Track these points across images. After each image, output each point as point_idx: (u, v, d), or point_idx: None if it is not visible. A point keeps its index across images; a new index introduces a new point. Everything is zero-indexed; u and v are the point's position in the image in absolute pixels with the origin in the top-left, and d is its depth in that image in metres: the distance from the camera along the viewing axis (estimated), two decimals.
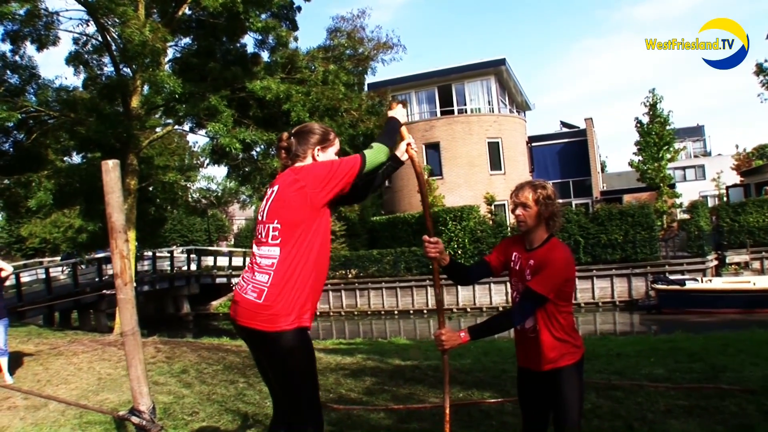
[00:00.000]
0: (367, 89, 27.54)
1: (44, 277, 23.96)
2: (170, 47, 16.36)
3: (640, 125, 30.27)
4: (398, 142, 3.11)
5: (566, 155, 35.46)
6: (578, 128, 37.09)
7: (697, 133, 54.59)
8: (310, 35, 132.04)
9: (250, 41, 31.52)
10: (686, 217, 26.84)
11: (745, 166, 39.67)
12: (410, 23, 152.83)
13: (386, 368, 7.65)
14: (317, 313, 25.70)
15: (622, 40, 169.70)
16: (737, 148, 41.91)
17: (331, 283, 26.45)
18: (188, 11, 16.45)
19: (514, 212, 2.92)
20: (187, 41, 17.80)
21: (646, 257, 22.63)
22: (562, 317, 2.81)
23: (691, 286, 19.61)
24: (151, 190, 20.58)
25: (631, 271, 22.61)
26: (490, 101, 32.31)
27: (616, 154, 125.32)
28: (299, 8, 17.44)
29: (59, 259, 36.88)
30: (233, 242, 52.32)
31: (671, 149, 30.28)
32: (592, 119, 35.35)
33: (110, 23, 15.06)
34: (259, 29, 15.64)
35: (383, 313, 25.71)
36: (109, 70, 17.68)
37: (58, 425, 5.36)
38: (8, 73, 16.13)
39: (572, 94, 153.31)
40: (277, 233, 2.65)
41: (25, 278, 24.17)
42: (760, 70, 26.66)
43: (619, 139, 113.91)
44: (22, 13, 14.35)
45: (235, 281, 30.92)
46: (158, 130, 18.22)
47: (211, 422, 5.20)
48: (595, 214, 24.25)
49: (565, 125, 40.92)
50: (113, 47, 15.85)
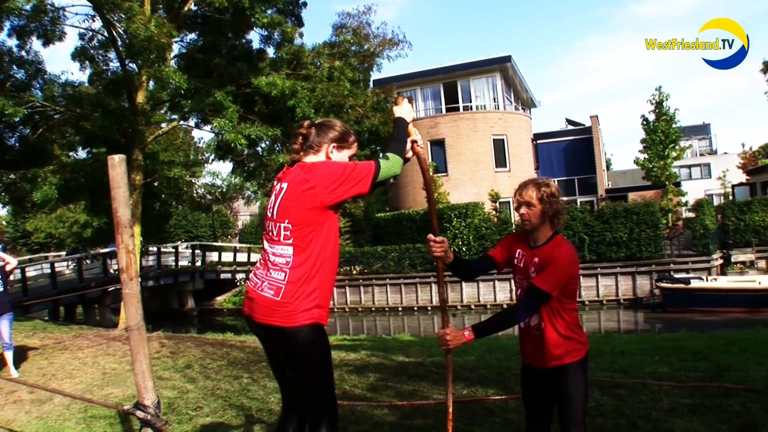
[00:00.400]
0: (372, 86, 27.60)
1: (49, 271, 24.10)
2: (176, 43, 16.41)
3: (646, 123, 30.13)
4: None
5: (571, 153, 35.41)
6: (584, 126, 37.02)
7: (703, 131, 54.42)
8: (315, 31, 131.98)
9: (255, 37, 31.38)
10: (691, 215, 26.74)
11: (751, 164, 39.51)
12: (415, 20, 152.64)
13: (390, 365, 7.65)
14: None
15: (626, 37, 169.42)
16: (743, 146, 41.80)
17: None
18: (194, 7, 16.46)
19: (518, 211, 2.91)
20: (192, 37, 17.86)
21: (650, 255, 22.59)
22: (566, 314, 2.81)
23: (695, 284, 19.57)
24: (156, 185, 20.60)
25: (635, 269, 22.58)
26: (495, 98, 32.23)
27: (621, 151, 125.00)
28: (305, 4, 17.48)
29: (64, 253, 37.00)
30: (238, 238, 52.37)
31: (677, 147, 30.15)
32: (597, 117, 35.29)
33: (116, 19, 15.09)
34: (264, 25, 15.65)
35: (387, 309, 25.73)
36: (114, 65, 17.74)
37: (63, 419, 5.39)
38: (14, 68, 16.21)
39: (577, 91, 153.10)
40: (289, 233, 2.65)
41: (30, 273, 24.31)
42: (767, 68, 26.52)
43: (624, 136, 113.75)
44: (28, 8, 14.41)
45: (239, 277, 30.99)
46: (163, 125, 18.25)
47: (215, 417, 5.22)
48: (600, 212, 24.20)
49: (570, 123, 40.82)
50: (119, 43, 15.89)
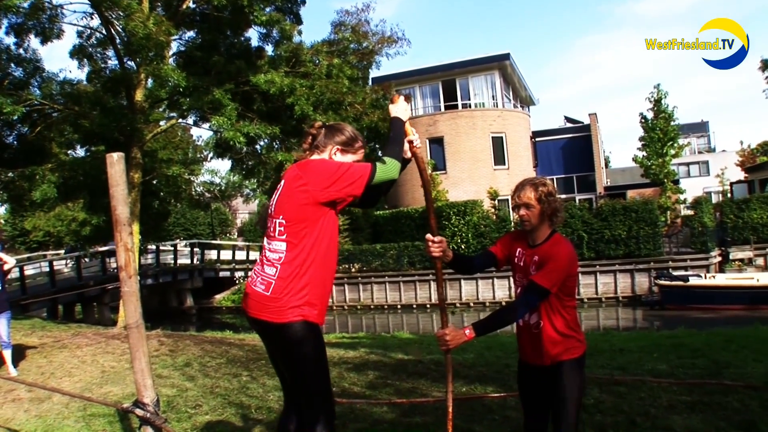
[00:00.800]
0: (371, 83, 27.53)
1: (48, 270, 24.06)
2: (174, 41, 16.37)
3: (644, 121, 30.14)
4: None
5: (570, 150, 35.41)
6: (582, 123, 37.00)
7: (701, 129, 54.40)
8: (314, 29, 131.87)
9: (254, 35, 31.41)
10: (690, 213, 26.74)
11: (749, 162, 39.50)
12: (413, 17, 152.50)
13: (389, 362, 7.66)
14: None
15: (625, 35, 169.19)
16: (742, 144, 41.79)
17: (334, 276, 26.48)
18: (192, 4, 16.45)
19: (517, 212, 2.91)
20: (191, 35, 17.82)
21: (649, 253, 22.60)
22: (565, 312, 2.82)
23: (694, 282, 19.60)
24: (154, 183, 20.60)
25: (634, 266, 22.60)
26: (494, 96, 32.21)
27: (620, 149, 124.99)
28: (303, 2, 17.44)
29: (63, 252, 36.97)
30: (236, 235, 52.38)
31: (675, 145, 30.13)
32: (596, 115, 35.26)
33: (114, 16, 15.05)
34: (263, 23, 15.62)
35: (386, 307, 25.74)
36: (113, 63, 17.70)
37: (62, 417, 5.38)
38: (12, 66, 16.16)
39: (576, 89, 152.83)
40: (282, 228, 2.68)
41: (29, 271, 24.28)
42: (765, 66, 26.54)
43: (623, 134, 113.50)
44: (26, 6, 14.36)
45: (238, 275, 31.02)
46: (162, 123, 18.22)
47: (214, 415, 5.22)
48: (598, 209, 24.20)
49: (569, 120, 40.78)
50: (117, 40, 15.85)
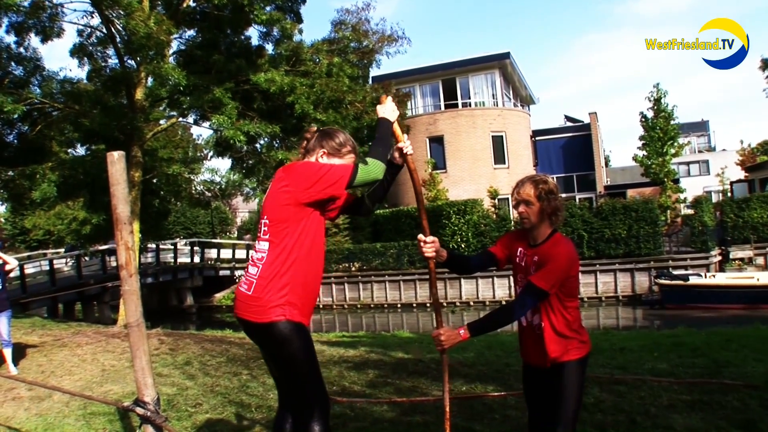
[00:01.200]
0: (371, 82, 27.54)
1: (48, 268, 24.03)
2: (175, 39, 16.34)
3: (644, 120, 30.13)
4: (393, 144, 2.97)
5: (570, 150, 35.39)
6: (582, 122, 36.99)
7: (701, 128, 54.37)
8: (314, 28, 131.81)
9: (254, 33, 31.48)
10: (690, 212, 26.73)
11: (749, 161, 39.47)
12: (413, 16, 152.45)
13: (389, 361, 7.66)
14: (319, 305, 25.79)
15: (624, 35, 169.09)
16: (742, 143, 41.66)
17: (334, 276, 26.53)
18: (193, 3, 16.43)
19: (516, 209, 2.88)
20: (191, 33, 17.77)
21: (649, 252, 22.59)
22: (567, 313, 2.80)
23: (694, 281, 19.59)
24: (155, 182, 20.58)
25: (634, 266, 22.58)
26: (494, 95, 32.21)
27: (620, 148, 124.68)
28: (304, 1, 17.40)
29: (63, 250, 36.97)
30: (236, 234, 52.35)
31: (675, 144, 30.13)
32: (596, 114, 35.20)
33: (115, 15, 15.01)
34: (263, 21, 15.60)
35: (386, 306, 25.74)
36: (113, 62, 17.64)
37: (62, 416, 5.39)
38: (13, 64, 16.11)
39: (576, 88, 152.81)
40: (266, 229, 2.73)
41: (29, 270, 24.25)
42: (765, 65, 26.52)
43: (623, 133, 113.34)
44: (26, 4, 14.34)
45: (238, 274, 31.04)
46: (162, 122, 18.21)
47: (214, 414, 5.23)
48: (598, 208, 24.19)
49: (569, 119, 40.79)
50: (118, 39, 15.82)
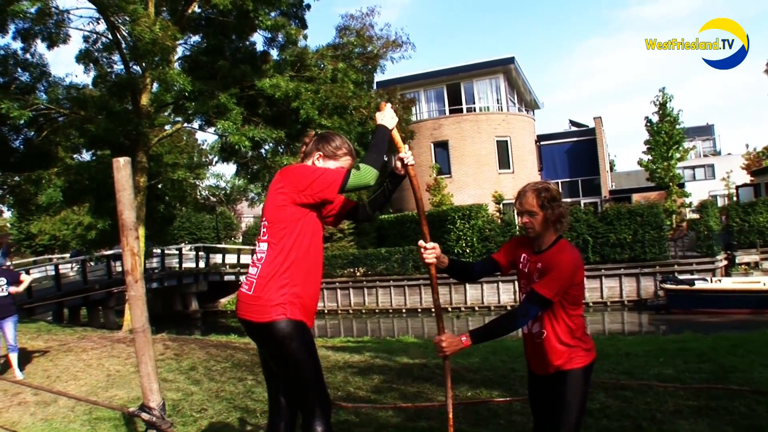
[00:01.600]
0: (376, 87, 27.61)
1: (54, 273, 24.11)
2: (180, 45, 16.40)
3: (649, 124, 30.10)
4: (391, 149, 2.95)
5: (575, 154, 35.32)
6: (587, 127, 36.92)
7: (706, 132, 54.23)
8: (319, 33, 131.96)
9: (259, 39, 31.51)
10: (696, 216, 26.68)
11: (755, 165, 39.35)
12: (418, 22, 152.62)
13: (394, 366, 7.65)
14: (324, 310, 25.79)
15: (629, 39, 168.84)
16: (747, 147, 41.49)
17: (339, 281, 26.52)
18: (198, 9, 16.47)
19: (520, 219, 2.85)
20: (196, 39, 17.83)
21: (655, 257, 22.53)
22: (571, 321, 2.75)
23: (700, 286, 19.49)
24: (160, 187, 20.63)
25: (639, 270, 22.50)
26: (498, 100, 32.21)
27: (625, 153, 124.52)
28: (308, 6, 17.45)
29: (68, 256, 37.07)
30: (241, 240, 52.40)
31: (681, 148, 30.09)
32: (601, 118, 35.14)
33: (120, 21, 15.08)
34: (268, 27, 15.64)
35: (391, 311, 25.69)
36: (119, 67, 17.72)
37: (67, 421, 5.40)
38: (19, 70, 16.20)
39: (581, 93, 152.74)
40: (265, 230, 2.80)
41: (34, 275, 24.30)
42: None
43: (628, 138, 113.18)
44: (33, 11, 14.40)
45: (243, 279, 31.07)
46: (167, 127, 18.26)
47: (219, 419, 5.23)
48: (603, 213, 24.16)
49: (573, 124, 40.75)
50: (123, 45, 15.88)
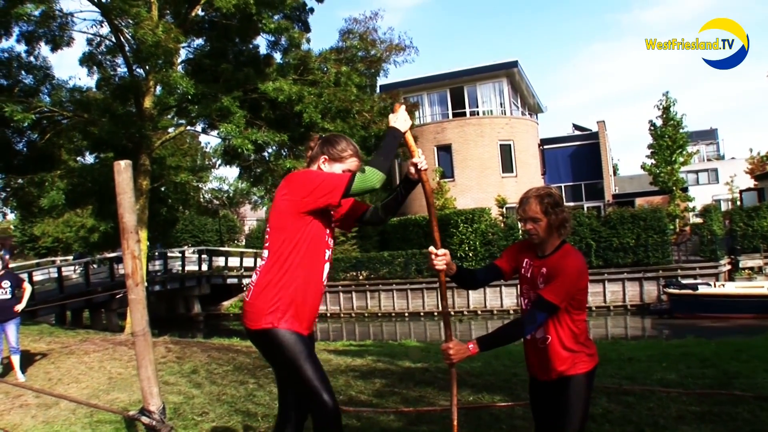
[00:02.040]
0: (379, 91, 27.61)
1: (56, 276, 24.14)
2: (183, 48, 16.46)
3: (653, 128, 30.05)
4: (407, 154, 2.94)
5: (578, 158, 35.29)
6: (590, 131, 36.89)
7: (710, 136, 54.13)
8: (322, 37, 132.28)
9: (262, 42, 31.58)
10: (699, 221, 26.56)
11: (759, 169, 39.23)
12: (421, 25, 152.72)
13: (396, 370, 7.63)
14: (326, 314, 25.77)
15: (632, 43, 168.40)
16: (751, 151, 41.22)
17: (341, 284, 26.51)
18: (201, 12, 16.52)
19: (523, 226, 2.83)
20: (199, 42, 17.91)
21: (658, 261, 22.46)
22: (574, 326, 2.73)
23: (703, 290, 19.43)
24: (163, 190, 20.70)
25: (643, 275, 22.44)
26: (502, 103, 32.21)
27: (628, 157, 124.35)
28: (312, 10, 17.52)
29: (71, 258, 37.11)
30: (244, 243, 52.41)
31: (684, 152, 30.02)
32: (604, 122, 35.14)
33: (124, 24, 15.15)
34: (271, 30, 15.70)
35: (394, 315, 25.67)
36: (122, 70, 17.82)
37: (69, 424, 5.39)
38: (23, 73, 16.29)
39: (584, 97, 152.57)
40: (268, 236, 2.79)
41: (37, 277, 24.35)
42: None
43: (631, 142, 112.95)
44: (37, 14, 14.50)
45: (246, 282, 31.04)
46: (170, 130, 18.31)
47: (220, 423, 5.21)
48: (607, 217, 24.10)
49: (577, 128, 40.70)
50: (126, 48, 15.95)
